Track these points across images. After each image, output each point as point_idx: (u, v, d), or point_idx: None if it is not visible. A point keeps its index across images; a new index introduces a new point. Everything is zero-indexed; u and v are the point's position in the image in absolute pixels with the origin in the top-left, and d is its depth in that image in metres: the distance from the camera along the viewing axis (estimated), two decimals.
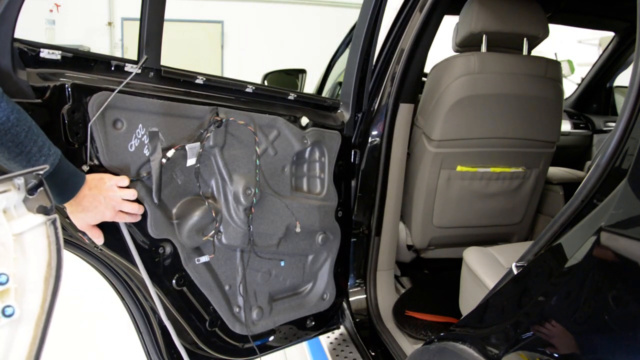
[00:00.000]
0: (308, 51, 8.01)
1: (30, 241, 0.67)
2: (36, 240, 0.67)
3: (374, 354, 1.80)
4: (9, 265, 0.64)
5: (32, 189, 0.67)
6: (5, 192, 0.64)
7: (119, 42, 9.48)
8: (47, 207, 0.68)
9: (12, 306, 0.63)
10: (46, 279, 0.66)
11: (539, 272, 0.94)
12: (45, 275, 0.66)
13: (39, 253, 0.67)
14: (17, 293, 0.64)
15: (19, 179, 0.65)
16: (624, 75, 3.35)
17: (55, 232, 0.68)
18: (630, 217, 0.76)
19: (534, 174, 2.12)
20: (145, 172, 1.21)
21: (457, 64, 1.87)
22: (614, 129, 0.84)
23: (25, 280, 0.65)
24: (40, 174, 0.67)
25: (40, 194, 0.67)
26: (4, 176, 0.64)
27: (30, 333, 0.64)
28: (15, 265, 0.65)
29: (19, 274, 0.65)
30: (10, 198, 0.65)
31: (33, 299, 0.65)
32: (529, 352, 0.83)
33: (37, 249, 0.67)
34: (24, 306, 0.65)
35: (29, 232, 0.66)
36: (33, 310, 0.65)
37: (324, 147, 1.63)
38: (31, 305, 0.65)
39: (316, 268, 1.72)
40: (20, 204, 0.66)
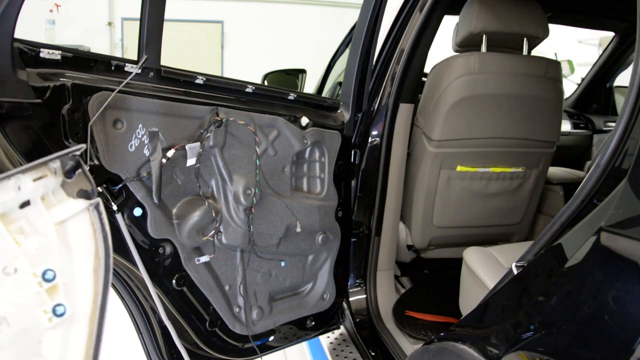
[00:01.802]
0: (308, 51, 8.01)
1: (74, 230, 0.61)
2: (80, 228, 0.61)
3: (374, 354, 1.79)
4: (54, 259, 0.59)
5: (69, 171, 0.61)
6: (42, 179, 0.58)
7: (119, 42, 9.48)
8: (88, 191, 0.62)
9: (63, 304, 0.58)
10: (95, 270, 0.61)
11: (539, 272, 0.94)
12: (94, 266, 0.61)
13: (85, 242, 0.61)
14: (67, 289, 0.59)
15: (55, 162, 0.59)
16: (624, 75, 3.35)
17: (100, 218, 0.62)
18: (630, 217, 0.76)
19: (534, 174, 2.12)
20: (145, 172, 1.21)
21: (457, 64, 1.87)
22: (614, 129, 0.84)
23: (73, 274, 0.60)
24: (77, 155, 0.61)
25: (79, 176, 0.61)
26: (38, 160, 0.58)
27: (85, 331, 0.59)
28: (61, 258, 0.59)
29: (65, 268, 0.59)
30: (48, 184, 0.59)
31: (84, 294, 0.60)
32: (529, 352, 0.82)
33: (82, 238, 0.61)
34: (75, 303, 0.59)
35: (71, 219, 0.61)
36: (85, 306, 0.60)
37: (324, 147, 1.63)
38: (83, 301, 0.60)
39: (316, 268, 1.72)
40: (58, 188, 0.60)
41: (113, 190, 1.17)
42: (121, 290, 1.37)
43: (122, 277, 1.33)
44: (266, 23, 9.56)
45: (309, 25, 9.63)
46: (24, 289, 0.57)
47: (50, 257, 0.59)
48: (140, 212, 1.22)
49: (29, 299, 0.57)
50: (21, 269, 0.56)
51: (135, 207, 1.21)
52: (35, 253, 0.58)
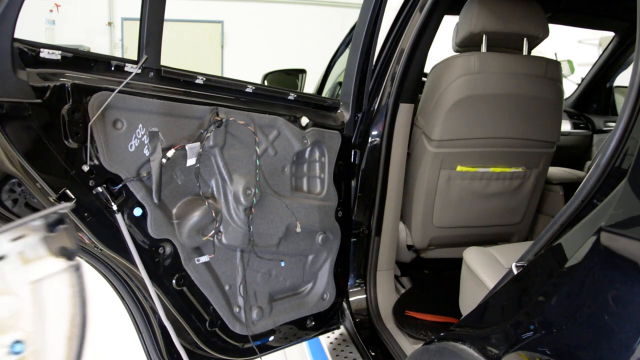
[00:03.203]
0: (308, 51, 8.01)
1: (50, 291, 0.56)
2: (57, 289, 0.56)
3: (374, 354, 1.79)
4: (25, 322, 0.53)
5: (52, 224, 0.57)
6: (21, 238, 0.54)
7: (119, 42, 9.49)
8: (69, 250, 0.58)
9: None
10: (69, 339, 0.56)
11: (539, 272, 0.94)
12: (69, 334, 0.56)
13: (61, 306, 0.56)
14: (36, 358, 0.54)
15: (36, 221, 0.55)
16: (624, 75, 3.35)
17: (80, 281, 0.58)
18: (630, 217, 0.76)
19: (534, 174, 2.12)
20: (145, 172, 1.21)
21: (457, 64, 1.87)
22: (614, 129, 0.84)
23: (44, 342, 0.55)
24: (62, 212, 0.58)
25: (62, 232, 0.58)
26: (19, 221, 0.54)
27: None
28: (33, 323, 0.54)
29: (37, 334, 0.54)
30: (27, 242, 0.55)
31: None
32: (529, 352, 0.82)
33: (58, 301, 0.56)
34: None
35: (48, 279, 0.56)
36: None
37: (324, 147, 1.63)
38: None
39: (316, 268, 1.72)
40: (38, 243, 0.56)
41: (113, 190, 1.17)
42: (121, 290, 1.37)
43: (122, 277, 1.33)
44: (266, 23, 9.56)
45: (309, 25, 9.63)
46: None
47: (22, 323, 0.53)
48: (140, 212, 1.22)
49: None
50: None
51: (135, 207, 1.21)
52: (7, 316, 0.53)
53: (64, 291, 0.56)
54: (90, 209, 1.13)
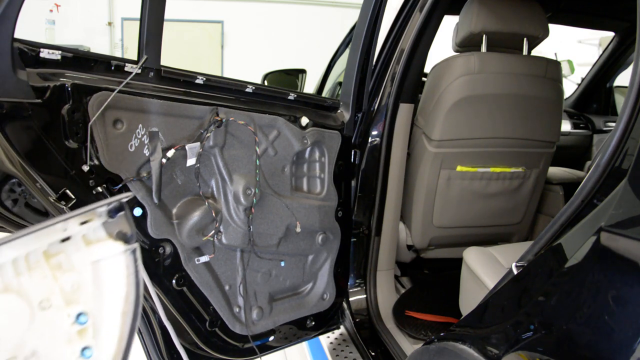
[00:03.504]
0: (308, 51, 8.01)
1: (108, 270, 0.62)
2: (114, 269, 0.62)
3: (374, 354, 1.79)
4: (87, 299, 0.60)
5: (112, 211, 0.62)
6: (88, 222, 0.60)
7: (119, 42, 9.49)
8: (127, 234, 0.63)
9: (91, 347, 0.59)
10: (123, 314, 0.62)
11: (539, 272, 0.94)
12: (123, 309, 0.62)
13: (117, 285, 0.62)
14: (95, 330, 0.60)
15: (102, 207, 0.61)
16: (624, 75, 3.35)
17: (135, 264, 0.63)
18: (630, 217, 0.76)
19: (534, 174, 2.12)
20: (145, 172, 1.21)
21: (457, 64, 1.87)
22: (614, 129, 0.84)
23: (102, 315, 0.61)
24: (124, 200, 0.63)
25: (121, 218, 0.63)
26: (89, 207, 0.60)
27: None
28: (93, 299, 0.61)
29: (96, 309, 0.61)
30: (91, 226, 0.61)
31: (110, 336, 0.61)
32: (529, 352, 0.82)
33: (114, 280, 0.62)
34: (100, 344, 0.60)
35: (107, 260, 0.62)
36: (110, 349, 0.61)
37: (324, 147, 1.63)
38: (108, 344, 0.61)
39: (316, 268, 1.72)
40: (99, 227, 0.62)
41: (113, 190, 1.17)
42: None
43: None
44: (266, 23, 9.56)
45: (309, 25, 9.63)
46: (56, 326, 0.58)
47: (84, 297, 0.60)
48: (140, 212, 1.22)
49: (60, 336, 0.58)
50: (56, 304, 0.58)
51: (135, 207, 1.21)
52: (70, 290, 0.59)
53: (120, 271, 0.62)
54: None
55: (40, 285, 0.57)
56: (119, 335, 0.61)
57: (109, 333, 0.61)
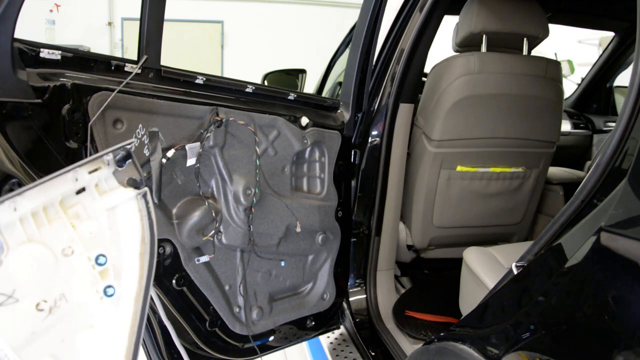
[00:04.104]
0: (308, 51, 8.01)
1: (123, 215, 0.66)
2: (129, 214, 0.66)
3: (374, 354, 1.79)
4: (105, 243, 0.64)
5: (120, 160, 0.66)
6: (97, 171, 0.65)
7: (119, 42, 9.48)
8: (137, 180, 0.67)
9: (113, 286, 0.64)
10: (141, 254, 0.66)
11: (539, 272, 0.94)
12: (141, 251, 0.66)
13: (133, 228, 0.67)
14: (116, 271, 0.65)
15: (108, 155, 0.66)
16: (624, 75, 3.35)
17: (147, 206, 0.67)
18: (630, 217, 0.76)
19: (534, 174, 2.12)
20: (145, 172, 1.20)
21: (457, 64, 1.87)
22: (614, 129, 0.84)
23: (121, 257, 0.66)
24: (128, 148, 0.67)
25: (129, 165, 0.67)
26: (94, 155, 0.64)
27: (130, 309, 0.65)
28: (111, 243, 0.65)
29: (115, 252, 0.65)
30: (101, 174, 0.65)
31: (130, 275, 0.66)
32: (529, 352, 0.82)
33: (129, 224, 0.66)
34: (122, 283, 0.65)
35: (121, 206, 0.66)
36: (131, 287, 0.66)
37: (324, 147, 1.63)
38: (129, 283, 0.66)
39: (316, 268, 1.72)
40: (110, 176, 0.66)
41: None
42: None
43: None
44: (266, 23, 9.55)
45: (309, 25, 9.63)
46: (79, 270, 0.63)
47: (102, 242, 0.64)
48: None
49: (83, 279, 0.63)
50: (77, 251, 0.63)
51: None
52: (89, 237, 0.64)
53: (134, 215, 0.67)
54: None
55: (61, 235, 0.62)
56: (139, 274, 0.65)
57: (129, 273, 0.66)
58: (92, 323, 0.65)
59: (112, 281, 0.65)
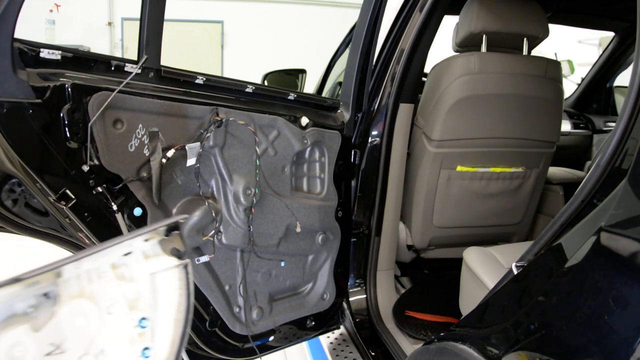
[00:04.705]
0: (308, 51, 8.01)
1: (163, 282, 0.69)
2: (169, 281, 0.69)
3: (374, 354, 1.79)
4: (146, 306, 0.67)
5: (168, 230, 0.70)
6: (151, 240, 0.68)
7: (119, 42, 9.48)
8: (180, 251, 0.70)
9: (150, 348, 0.67)
10: (176, 321, 0.68)
11: (539, 272, 0.94)
12: (176, 317, 0.68)
13: (171, 295, 0.69)
14: (152, 334, 0.67)
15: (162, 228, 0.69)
16: (624, 75, 3.35)
17: (187, 277, 0.70)
18: (630, 217, 0.76)
19: (534, 174, 2.12)
20: (145, 172, 1.21)
21: (457, 64, 1.87)
22: (614, 129, 0.84)
23: (157, 320, 0.68)
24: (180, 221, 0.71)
25: (175, 237, 0.70)
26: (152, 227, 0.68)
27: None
28: (151, 306, 0.68)
29: (153, 315, 0.68)
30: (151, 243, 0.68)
31: (164, 339, 0.68)
32: (529, 352, 0.82)
33: (169, 291, 0.69)
34: (156, 346, 0.67)
35: (162, 272, 0.69)
36: (164, 350, 0.68)
37: (324, 147, 1.63)
38: (162, 346, 0.68)
39: (316, 268, 1.72)
40: (156, 243, 0.69)
41: (113, 190, 1.17)
42: None
43: None
44: (266, 23, 9.55)
45: (309, 25, 9.63)
46: (121, 328, 0.65)
47: (143, 304, 0.67)
48: (140, 212, 1.22)
49: (124, 337, 0.65)
50: (120, 310, 0.65)
51: (135, 207, 1.21)
52: (132, 298, 0.66)
53: (174, 283, 0.69)
54: (90, 209, 1.13)
55: (107, 292, 0.65)
56: (172, 340, 0.68)
57: (164, 337, 0.68)
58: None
59: (149, 343, 0.67)
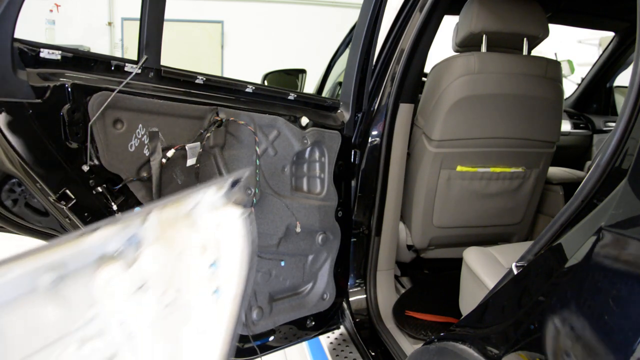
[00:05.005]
0: (308, 51, 8.01)
1: (229, 230, 0.77)
2: (233, 229, 0.77)
3: (374, 354, 1.79)
4: (215, 252, 0.75)
5: (233, 183, 0.77)
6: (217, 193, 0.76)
7: (119, 42, 9.48)
8: (243, 202, 0.78)
9: (220, 287, 0.75)
10: (241, 264, 0.76)
11: (539, 272, 0.94)
12: (240, 261, 0.77)
13: (236, 241, 0.77)
14: (222, 275, 0.76)
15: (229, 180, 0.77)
16: (624, 75, 3.35)
17: (249, 225, 0.78)
18: (630, 217, 0.76)
19: (534, 174, 2.12)
20: (145, 172, 1.21)
21: (457, 64, 1.87)
22: (614, 129, 0.84)
23: (224, 264, 0.76)
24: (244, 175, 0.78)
25: (239, 188, 0.78)
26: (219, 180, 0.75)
27: (230, 307, 0.75)
28: (219, 251, 0.76)
29: (221, 257, 0.76)
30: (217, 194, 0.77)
31: (231, 281, 0.77)
32: (529, 352, 0.82)
33: (234, 238, 0.77)
34: (225, 286, 0.76)
35: (228, 222, 0.76)
36: (231, 291, 0.76)
37: (324, 147, 1.63)
38: (230, 287, 0.76)
39: (316, 268, 1.72)
40: (222, 197, 0.77)
41: (113, 190, 1.17)
42: None
43: None
44: (266, 23, 9.56)
45: (309, 25, 9.63)
46: (195, 271, 0.75)
47: (212, 250, 0.75)
48: None
49: (198, 279, 0.75)
50: (193, 255, 0.75)
51: (135, 207, 1.21)
52: (202, 244, 0.75)
53: (239, 231, 0.77)
54: (90, 209, 1.13)
55: (182, 239, 0.74)
56: (238, 281, 0.76)
57: (231, 279, 0.76)
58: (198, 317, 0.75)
59: (220, 283, 0.75)
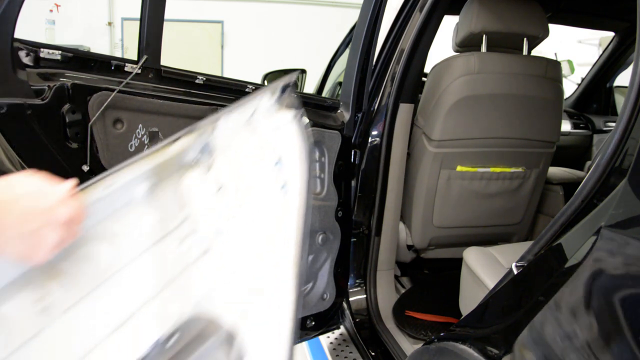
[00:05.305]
0: (308, 51, 8.01)
1: (285, 132, 0.83)
2: (290, 130, 0.83)
3: (374, 354, 1.79)
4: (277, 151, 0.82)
5: (283, 89, 0.83)
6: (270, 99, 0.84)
7: (119, 42, 9.48)
8: (294, 105, 0.84)
9: (286, 181, 0.81)
10: (301, 160, 0.82)
11: (539, 272, 0.94)
12: (300, 157, 0.83)
13: (293, 140, 0.83)
14: (286, 171, 0.82)
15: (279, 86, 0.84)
16: (624, 75, 3.35)
17: (303, 125, 0.84)
18: (630, 217, 0.76)
19: (534, 174, 2.12)
20: None
21: (457, 64, 1.87)
22: (614, 129, 0.84)
23: (287, 162, 0.83)
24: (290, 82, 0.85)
25: (289, 93, 0.84)
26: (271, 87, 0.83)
27: (297, 200, 0.80)
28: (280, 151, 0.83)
29: (283, 157, 0.83)
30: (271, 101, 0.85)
31: (295, 175, 0.83)
32: (529, 352, 0.82)
33: (291, 138, 0.83)
34: (290, 181, 0.82)
35: (284, 124, 0.83)
36: (296, 183, 0.82)
37: (324, 147, 1.63)
38: (294, 181, 0.82)
39: (316, 268, 1.72)
40: (274, 102, 0.84)
41: None
42: None
43: None
44: (266, 23, 9.55)
45: (309, 25, 9.62)
46: (262, 170, 0.84)
47: (275, 150, 0.83)
48: None
49: (266, 176, 0.83)
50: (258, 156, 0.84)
51: None
52: (265, 146, 0.84)
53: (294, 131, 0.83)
54: None
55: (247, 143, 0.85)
56: (300, 175, 0.81)
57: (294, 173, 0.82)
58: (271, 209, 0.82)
59: (286, 178, 0.81)
